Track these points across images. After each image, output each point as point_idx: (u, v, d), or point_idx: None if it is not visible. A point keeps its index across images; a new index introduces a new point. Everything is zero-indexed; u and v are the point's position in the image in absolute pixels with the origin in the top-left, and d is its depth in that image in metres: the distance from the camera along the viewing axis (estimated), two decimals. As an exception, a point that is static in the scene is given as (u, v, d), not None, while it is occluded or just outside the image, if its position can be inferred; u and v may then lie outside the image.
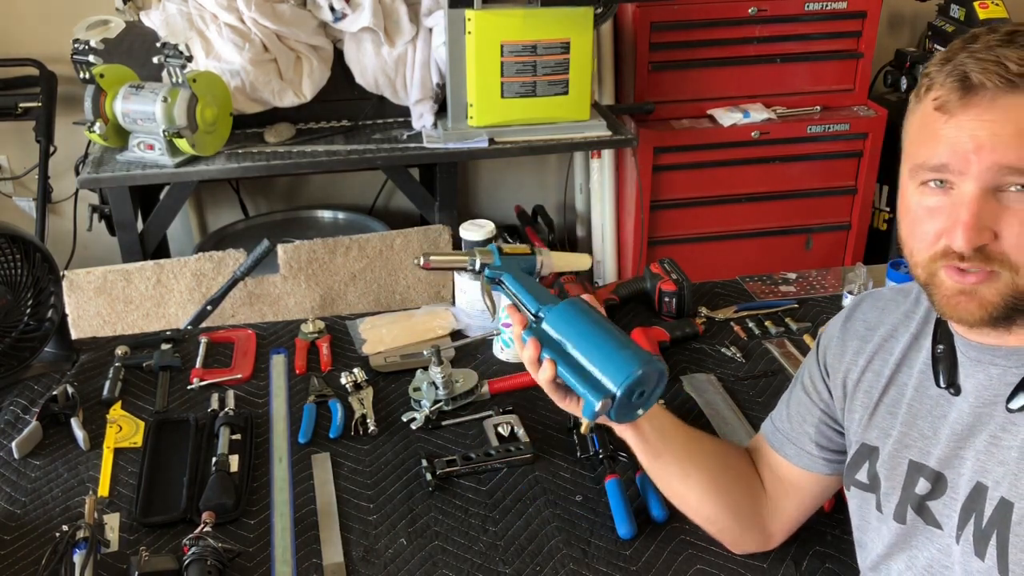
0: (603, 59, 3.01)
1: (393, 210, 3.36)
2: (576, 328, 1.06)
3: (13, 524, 1.25)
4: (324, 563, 1.18)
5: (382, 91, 2.62)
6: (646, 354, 1.03)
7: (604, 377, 1.01)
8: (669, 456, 1.13)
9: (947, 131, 0.84)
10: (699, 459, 1.14)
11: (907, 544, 0.99)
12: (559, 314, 1.07)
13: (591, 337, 1.04)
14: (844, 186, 3.16)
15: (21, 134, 2.92)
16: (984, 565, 0.89)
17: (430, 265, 1.16)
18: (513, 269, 1.16)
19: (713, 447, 1.19)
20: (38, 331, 1.53)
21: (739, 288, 1.83)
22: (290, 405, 1.49)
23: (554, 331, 1.07)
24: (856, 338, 1.07)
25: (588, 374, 1.03)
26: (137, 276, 2.18)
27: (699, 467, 1.14)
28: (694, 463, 1.14)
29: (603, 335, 1.04)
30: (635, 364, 1.00)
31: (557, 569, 1.17)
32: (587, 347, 1.04)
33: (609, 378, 1.01)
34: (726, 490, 1.14)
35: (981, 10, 2.99)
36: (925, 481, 0.96)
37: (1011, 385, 0.88)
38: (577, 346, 1.04)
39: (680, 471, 1.14)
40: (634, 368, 1.00)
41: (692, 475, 1.14)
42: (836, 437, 1.11)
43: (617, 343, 1.03)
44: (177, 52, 2.26)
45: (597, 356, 1.03)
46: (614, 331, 1.06)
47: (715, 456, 1.17)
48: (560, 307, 1.08)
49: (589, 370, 1.03)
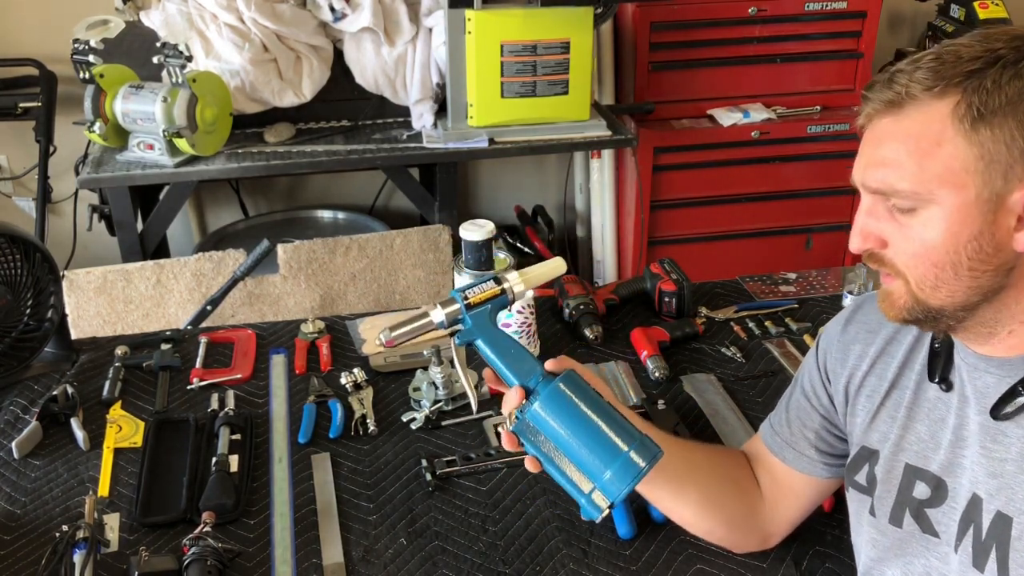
0: (603, 59, 3.01)
1: (393, 210, 3.36)
2: (567, 423, 0.95)
3: (13, 524, 1.25)
4: (324, 563, 1.18)
5: (382, 91, 2.63)
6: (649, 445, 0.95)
7: (600, 490, 0.93)
8: (662, 478, 1.09)
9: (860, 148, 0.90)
10: (692, 477, 1.13)
11: (902, 551, 0.98)
12: (546, 405, 0.96)
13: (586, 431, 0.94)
14: (844, 186, 3.12)
15: (21, 134, 2.92)
16: None
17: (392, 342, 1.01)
18: (485, 327, 1.01)
19: (707, 460, 1.17)
20: (38, 331, 1.53)
21: (739, 288, 1.83)
22: (290, 405, 1.49)
23: (540, 428, 0.96)
24: (858, 342, 1.07)
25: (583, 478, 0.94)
26: (137, 276, 2.18)
27: (692, 485, 1.12)
28: (686, 482, 1.12)
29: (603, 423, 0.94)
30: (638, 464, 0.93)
31: (557, 569, 1.17)
32: (579, 450, 0.94)
33: (605, 490, 0.93)
34: (720, 503, 1.14)
35: (981, 10, 2.99)
36: (925, 486, 0.96)
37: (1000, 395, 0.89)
38: (567, 448, 0.95)
39: (672, 492, 1.12)
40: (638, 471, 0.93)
41: (685, 494, 1.13)
42: (836, 442, 1.11)
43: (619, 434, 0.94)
44: (177, 52, 2.26)
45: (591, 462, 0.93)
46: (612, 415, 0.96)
47: (708, 470, 1.15)
48: (545, 396, 0.96)
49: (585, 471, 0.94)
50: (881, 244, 0.89)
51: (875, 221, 0.88)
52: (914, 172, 0.83)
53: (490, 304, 1.02)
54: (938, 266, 0.84)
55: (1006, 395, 0.88)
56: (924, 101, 0.82)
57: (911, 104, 0.83)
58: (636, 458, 0.94)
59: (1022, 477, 0.86)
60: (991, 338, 0.89)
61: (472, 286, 1.02)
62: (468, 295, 1.02)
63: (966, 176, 0.81)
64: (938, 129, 0.81)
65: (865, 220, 0.89)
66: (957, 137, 0.81)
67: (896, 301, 0.90)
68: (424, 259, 2.36)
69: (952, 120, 0.81)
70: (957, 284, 0.84)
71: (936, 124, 0.81)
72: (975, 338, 0.91)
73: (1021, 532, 0.85)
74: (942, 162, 0.81)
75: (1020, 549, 0.85)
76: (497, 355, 1.01)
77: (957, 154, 0.81)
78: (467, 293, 1.02)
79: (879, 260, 0.90)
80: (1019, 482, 0.86)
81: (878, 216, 0.88)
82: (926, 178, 0.82)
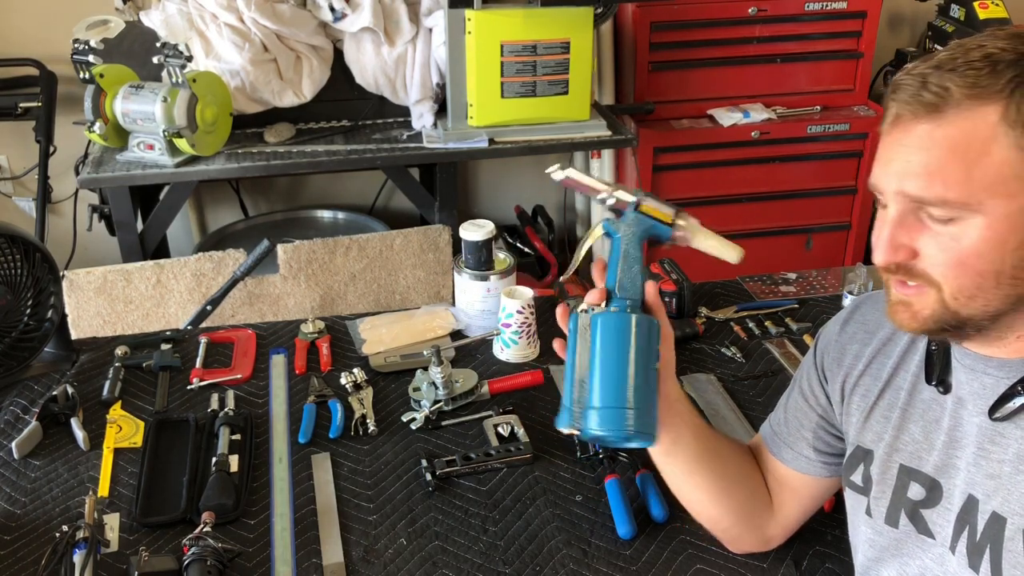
0: (603, 59, 3.01)
1: (393, 210, 3.36)
2: (610, 349, 0.97)
3: (13, 524, 1.25)
4: (324, 563, 1.18)
5: (382, 91, 2.63)
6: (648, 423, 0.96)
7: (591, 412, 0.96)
8: (680, 457, 1.10)
9: (881, 152, 0.87)
10: (710, 463, 1.12)
11: (898, 551, 0.98)
12: (610, 322, 0.98)
13: (621, 366, 0.96)
14: (844, 186, 3.16)
15: (21, 134, 2.92)
16: None
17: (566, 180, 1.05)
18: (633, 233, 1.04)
19: (729, 450, 1.16)
20: (38, 331, 1.53)
21: (739, 288, 1.83)
22: (290, 405, 1.49)
23: (592, 333, 0.99)
24: (855, 342, 1.07)
25: (584, 393, 0.97)
26: (137, 276, 2.18)
27: (709, 471, 1.12)
28: (705, 466, 1.12)
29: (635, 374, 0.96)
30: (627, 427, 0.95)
31: (557, 569, 1.17)
32: (608, 371, 0.96)
33: (592, 417, 0.96)
34: (732, 494, 1.14)
35: (981, 10, 2.99)
36: (919, 487, 0.96)
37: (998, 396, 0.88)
38: (593, 364, 0.97)
39: (689, 473, 1.12)
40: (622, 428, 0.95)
41: (701, 479, 1.12)
42: (834, 441, 1.11)
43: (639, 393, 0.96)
44: (177, 52, 2.26)
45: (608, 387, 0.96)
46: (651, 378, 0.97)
47: (727, 459, 1.15)
48: (614, 318, 0.99)
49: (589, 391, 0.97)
50: (911, 255, 0.85)
51: (905, 231, 0.84)
52: (961, 181, 0.80)
53: (653, 223, 1.05)
54: (981, 275, 0.82)
55: (1004, 396, 0.87)
56: (967, 106, 0.79)
57: (952, 109, 0.80)
58: (628, 422, 0.95)
59: (1019, 478, 0.86)
60: (998, 341, 0.88)
61: (654, 198, 1.05)
62: (643, 201, 1.05)
63: (1017, 184, 0.79)
64: (986, 136, 0.79)
65: (895, 231, 0.85)
66: (1008, 144, 0.78)
67: (920, 312, 0.87)
68: (424, 259, 2.36)
69: (1002, 127, 0.78)
70: (996, 293, 0.82)
71: (984, 131, 0.79)
72: (983, 341, 0.90)
73: (1014, 533, 0.85)
74: (992, 171, 0.79)
75: (1012, 550, 0.85)
76: (619, 258, 1.04)
77: (1009, 162, 0.79)
78: (644, 200, 1.05)
79: (907, 271, 0.86)
80: (1015, 483, 0.86)
81: (908, 226, 0.84)
82: (975, 188, 0.79)
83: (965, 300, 0.84)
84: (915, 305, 0.87)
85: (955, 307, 0.84)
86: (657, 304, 1.04)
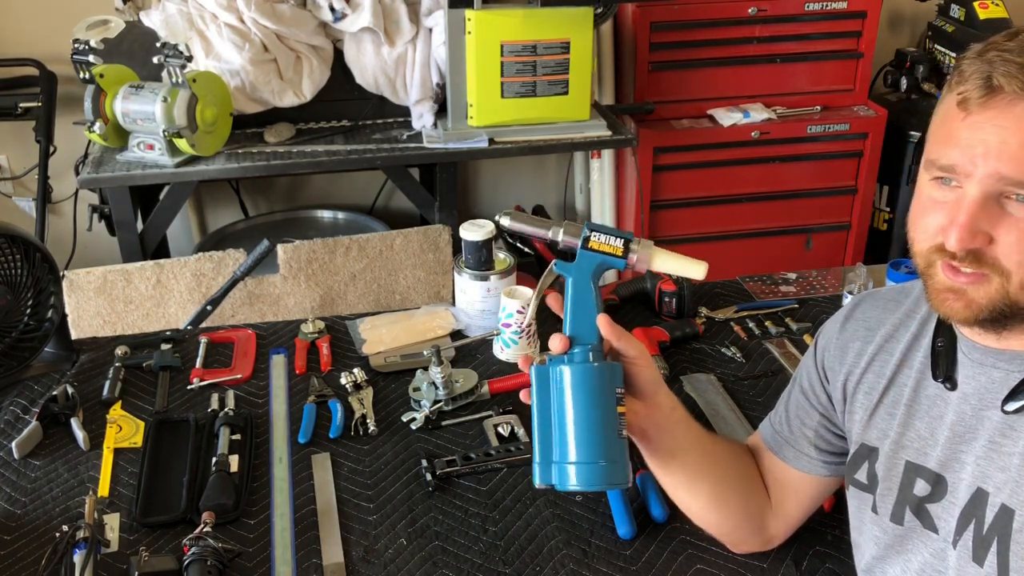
0: (603, 59, 3.01)
1: (393, 210, 3.36)
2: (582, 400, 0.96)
3: (13, 524, 1.25)
4: (324, 563, 1.18)
5: (382, 91, 2.62)
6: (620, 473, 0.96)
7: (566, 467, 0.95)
8: (677, 467, 1.09)
9: (962, 131, 0.82)
10: (708, 469, 1.11)
11: (903, 547, 0.98)
12: (572, 373, 0.97)
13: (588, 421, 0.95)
14: (844, 186, 3.16)
15: (21, 134, 2.92)
16: (982, 572, 0.89)
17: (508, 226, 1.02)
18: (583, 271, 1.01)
19: (726, 454, 1.16)
20: (38, 331, 1.53)
21: (739, 288, 1.83)
22: (290, 405, 1.49)
23: (553, 384, 0.98)
24: (857, 340, 1.06)
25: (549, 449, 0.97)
26: (137, 276, 2.18)
27: (708, 477, 1.11)
28: (703, 473, 1.11)
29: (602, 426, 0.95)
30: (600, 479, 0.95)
31: (557, 569, 1.17)
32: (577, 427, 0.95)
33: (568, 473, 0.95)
34: (732, 498, 1.13)
35: (981, 10, 2.99)
36: (924, 483, 0.96)
37: (1011, 389, 0.88)
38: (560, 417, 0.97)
39: (688, 481, 1.11)
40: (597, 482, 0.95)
41: (700, 485, 1.12)
42: (835, 440, 1.10)
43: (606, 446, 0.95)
44: (177, 52, 2.26)
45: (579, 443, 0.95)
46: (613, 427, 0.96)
47: (724, 464, 1.14)
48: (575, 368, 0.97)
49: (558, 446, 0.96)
50: (987, 241, 0.82)
51: (986, 216, 0.81)
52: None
53: (604, 258, 1.01)
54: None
55: (1017, 388, 0.87)
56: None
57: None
58: (602, 473, 0.95)
59: None
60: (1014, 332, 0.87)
61: (604, 231, 1.01)
62: (591, 238, 1.01)
63: None
64: None
65: (976, 215, 0.81)
66: None
67: (976, 300, 0.84)
68: (424, 259, 2.36)
69: None
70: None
71: None
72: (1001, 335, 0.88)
73: (1023, 525, 0.85)
74: None
75: (1021, 542, 0.85)
76: (573, 302, 1.00)
77: None
78: (592, 235, 1.01)
79: (976, 258, 0.83)
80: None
81: (989, 210, 0.81)
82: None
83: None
84: (971, 293, 0.84)
85: (1018, 297, 0.83)
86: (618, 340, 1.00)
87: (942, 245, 0.85)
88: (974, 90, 0.81)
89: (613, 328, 0.99)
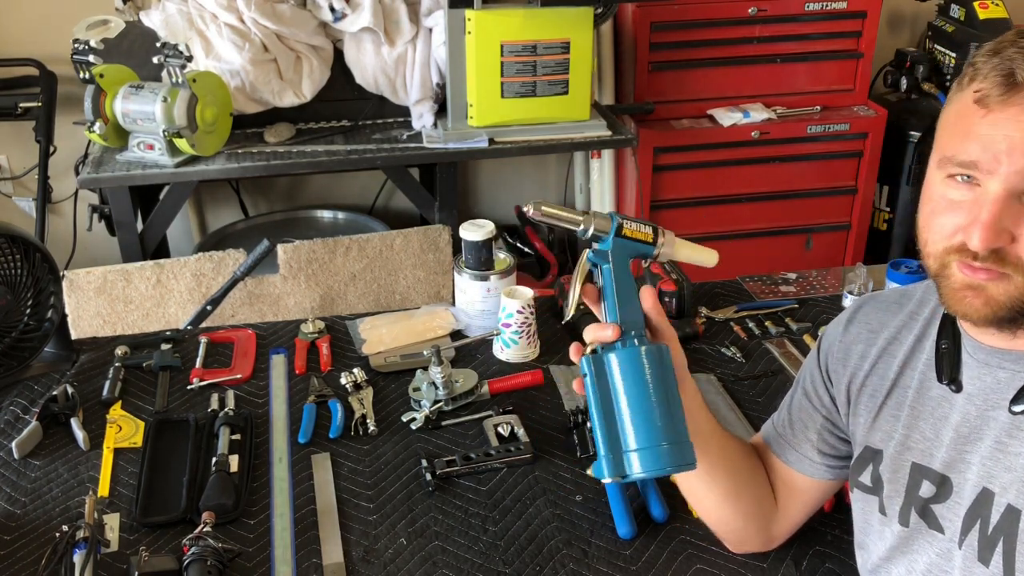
0: (603, 59, 3.01)
1: (393, 210, 3.36)
2: (629, 387, 0.95)
3: (13, 524, 1.25)
4: (324, 563, 1.18)
5: (382, 91, 2.62)
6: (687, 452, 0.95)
7: (629, 456, 0.94)
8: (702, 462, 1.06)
9: (982, 127, 0.82)
10: (727, 462, 1.11)
11: (908, 548, 0.98)
12: (622, 361, 0.96)
13: (645, 404, 0.94)
14: (844, 186, 3.16)
15: (21, 134, 2.92)
16: (988, 572, 0.89)
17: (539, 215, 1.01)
18: (620, 259, 1.02)
19: (741, 453, 1.15)
20: (38, 331, 1.53)
21: (739, 288, 1.83)
22: (290, 405, 1.49)
23: (607, 374, 0.97)
24: (860, 342, 1.06)
25: (616, 439, 0.95)
26: (137, 276, 2.18)
27: (725, 472, 1.11)
28: (723, 470, 1.10)
29: (659, 408, 0.94)
30: (667, 461, 0.93)
31: (557, 569, 1.17)
32: (635, 412, 0.94)
33: (631, 461, 0.94)
34: (745, 494, 1.13)
35: (981, 10, 2.99)
36: (929, 484, 0.95)
37: (1018, 389, 0.88)
38: (617, 407, 0.95)
39: (709, 477, 1.10)
40: (662, 466, 0.93)
41: (718, 481, 1.11)
42: (838, 444, 1.10)
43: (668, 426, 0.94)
44: (177, 52, 2.26)
45: (638, 429, 0.94)
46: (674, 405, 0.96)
47: (740, 459, 1.14)
48: (626, 353, 0.96)
49: (620, 435, 0.95)
50: (1010, 240, 0.81)
51: (1011, 215, 0.81)
52: None
53: (637, 245, 1.03)
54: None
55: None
56: None
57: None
58: (666, 456, 0.94)
59: None
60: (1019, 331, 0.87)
61: (631, 219, 1.03)
62: (624, 224, 1.02)
63: None
64: None
65: (1001, 213, 0.81)
66: None
67: (996, 298, 0.83)
68: (424, 259, 2.36)
69: None
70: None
71: None
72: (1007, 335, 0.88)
73: None
74: None
75: None
76: (615, 289, 1.01)
77: None
78: (624, 222, 1.02)
79: (1000, 257, 0.82)
80: None
81: (1012, 208, 0.81)
82: None
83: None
84: (991, 290, 0.84)
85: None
86: (658, 316, 1.01)
87: (961, 245, 0.84)
88: (994, 87, 0.81)
89: (658, 303, 1.01)
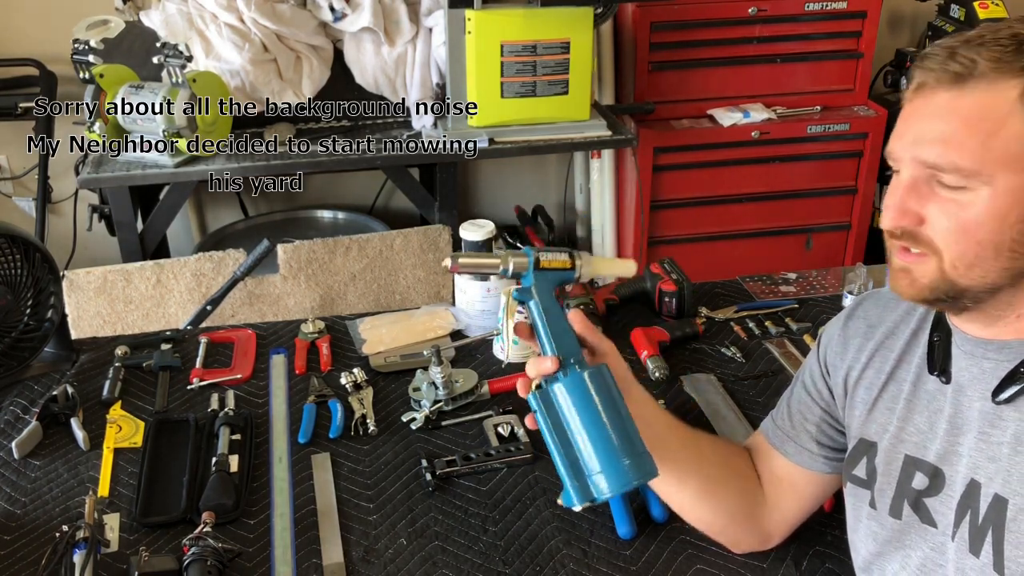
0: (603, 59, 3.01)
1: (393, 210, 3.36)
2: (580, 413, 0.97)
3: (13, 524, 1.25)
4: (324, 563, 1.18)
5: (382, 91, 2.63)
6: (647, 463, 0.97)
7: (594, 479, 0.95)
8: (664, 464, 1.08)
9: (899, 123, 0.89)
10: (695, 464, 1.13)
11: (901, 542, 0.99)
12: (568, 389, 0.98)
13: (598, 426, 0.96)
14: (844, 186, 3.16)
15: (21, 134, 2.92)
16: (979, 563, 0.89)
17: (458, 268, 1.06)
18: (544, 291, 1.03)
19: (711, 449, 1.17)
20: (38, 331, 1.53)
21: (739, 288, 1.83)
22: (290, 405, 1.49)
23: (555, 405, 0.99)
24: (858, 336, 1.08)
25: (578, 465, 0.97)
26: (137, 276, 2.18)
27: (695, 473, 1.13)
28: (690, 469, 1.12)
29: (613, 426, 0.96)
30: (630, 477, 0.95)
31: (557, 569, 1.17)
32: (590, 436, 0.96)
33: (597, 484, 0.95)
34: (722, 494, 1.14)
35: (981, 10, 2.99)
36: (923, 476, 0.96)
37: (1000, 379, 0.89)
38: (572, 435, 0.97)
39: (675, 477, 1.12)
40: (627, 481, 0.95)
41: (687, 481, 1.13)
42: (836, 436, 1.11)
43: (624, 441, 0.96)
44: (177, 52, 2.26)
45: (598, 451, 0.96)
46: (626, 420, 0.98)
47: (712, 459, 1.15)
48: (569, 381, 0.98)
49: (581, 461, 0.97)
50: (918, 221, 0.87)
51: (916, 197, 0.87)
52: (976, 151, 0.83)
53: (556, 273, 1.05)
54: (981, 244, 0.84)
55: (1007, 378, 0.88)
56: (990, 79, 0.82)
57: (975, 81, 0.83)
58: (630, 471, 0.96)
59: (1017, 459, 0.87)
60: (998, 321, 0.90)
61: (547, 250, 1.05)
62: (540, 257, 1.04)
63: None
64: (1005, 111, 0.82)
65: (905, 196, 0.88)
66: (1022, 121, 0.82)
67: (919, 279, 0.89)
68: (424, 259, 2.36)
69: (1020, 103, 0.82)
70: (993, 264, 0.85)
71: (1003, 105, 0.82)
72: (983, 320, 0.91)
73: (1016, 513, 0.86)
74: (1005, 143, 0.82)
75: (1015, 531, 0.86)
76: (545, 322, 1.02)
77: (1021, 137, 0.82)
78: (540, 255, 1.04)
79: (912, 237, 0.88)
80: (1014, 464, 0.87)
81: (919, 192, 0.87)
82: (989, 158, 0.82)
83: (964, 269, 0.86)
84: (915, 272, 0.89)
85: (953, 276, 0.87)
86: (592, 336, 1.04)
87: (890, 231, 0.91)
88: (909, 88, 0.89)
89: (588, 323, 1.05)
